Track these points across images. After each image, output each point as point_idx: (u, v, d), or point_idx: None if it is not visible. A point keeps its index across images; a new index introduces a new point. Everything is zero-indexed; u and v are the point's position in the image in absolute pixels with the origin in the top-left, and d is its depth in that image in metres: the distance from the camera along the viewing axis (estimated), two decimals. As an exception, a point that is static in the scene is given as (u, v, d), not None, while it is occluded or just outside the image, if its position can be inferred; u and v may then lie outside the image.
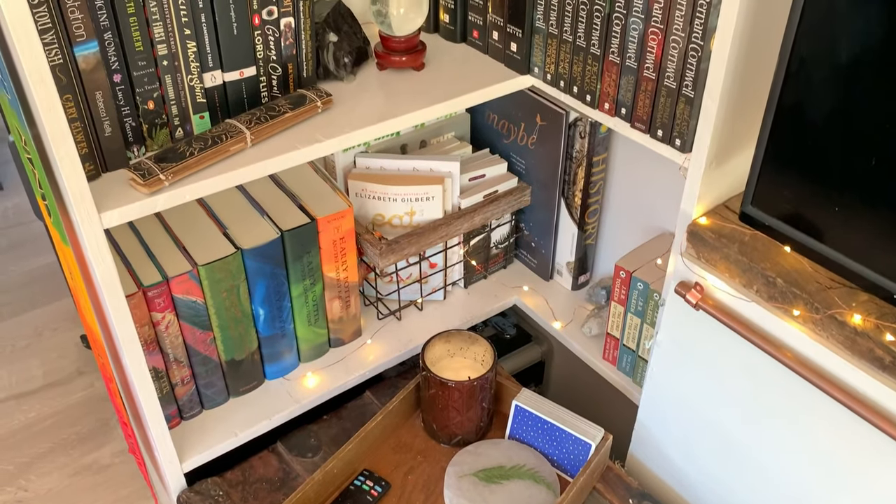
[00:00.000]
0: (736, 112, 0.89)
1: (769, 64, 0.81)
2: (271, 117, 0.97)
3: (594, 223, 1.30)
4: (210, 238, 1.07)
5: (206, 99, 0.96)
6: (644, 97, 0.95)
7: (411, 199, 1.23)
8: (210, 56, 0.94)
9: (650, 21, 0.90)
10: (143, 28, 0.87)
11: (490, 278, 1.40)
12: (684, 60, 0.88)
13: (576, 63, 1.02)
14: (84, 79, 0.84)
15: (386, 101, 1.06)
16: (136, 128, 0.92)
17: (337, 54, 1.08)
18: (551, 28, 1.04)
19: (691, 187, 0.94)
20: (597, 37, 0.97)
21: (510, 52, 1.11)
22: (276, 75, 1.02)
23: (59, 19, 0.80)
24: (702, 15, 0.84)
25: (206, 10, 0.91)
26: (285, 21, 0.99)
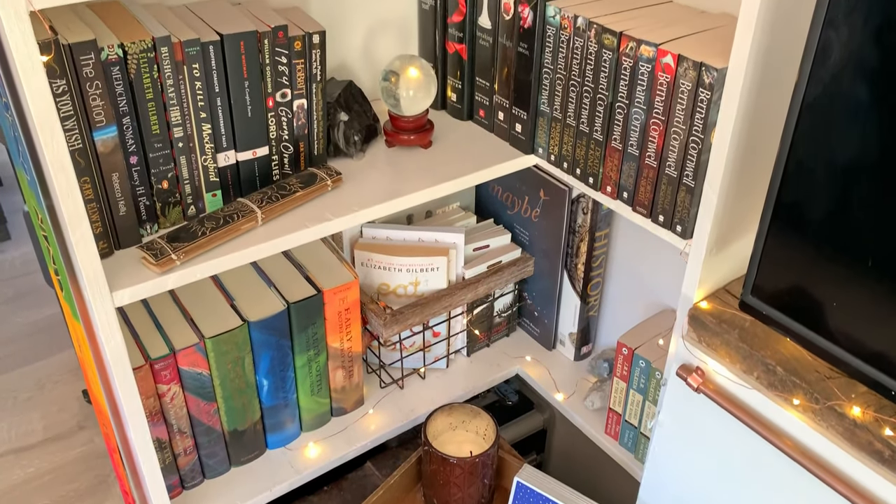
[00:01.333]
0: (736, 200, 0.91)
1: (769, 156, 0.84)
2: (282, 196, 0.99)
3: (597, 295, 1.32)
4: (217, 309, 1.09)
5: (218, 178, 0.99)
6: (646, 183, 0.97)
7: (416, 270, 1.24)
8: (224, 137, 0.97)
9: (652, 112, 0.93)
10: (161, 112, 0.90)
11: (493, 346, 1.41)
12: (685, 151, 0.91)
13: (579, 146, 1.05)
14: (102, 161, 0.87)
15: (394, 180, 1.08)
16: (149, 206, 0.94)
17: (347, 133, 1.11)
18: (555, 112, 1.07)
19: (692, 272, 0.95)
20: (599, 124, 1.00)
21: (515, 132, 1.14)
22: (287, 153, 1.05)
23: (80, 106, 0.83)
24: (702, 110, 0.87)
25: (221, 93, 0.94)
26: (298, 103, 1.02)
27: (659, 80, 0.90)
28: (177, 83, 0.90)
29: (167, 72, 0.88)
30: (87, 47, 0.81)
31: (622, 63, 0.94)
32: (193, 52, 0.89)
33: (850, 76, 0.71)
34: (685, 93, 0.88)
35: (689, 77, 0.87)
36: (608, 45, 0.95)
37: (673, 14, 0.99)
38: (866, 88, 0.70)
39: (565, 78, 1.03)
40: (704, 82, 0.86)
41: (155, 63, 0.87)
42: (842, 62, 0.71)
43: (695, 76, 0.86)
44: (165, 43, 0.87)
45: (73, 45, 0.80)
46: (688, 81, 0.87)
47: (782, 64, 0.84)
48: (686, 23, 0.95)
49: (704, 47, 0.88)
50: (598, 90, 0.99)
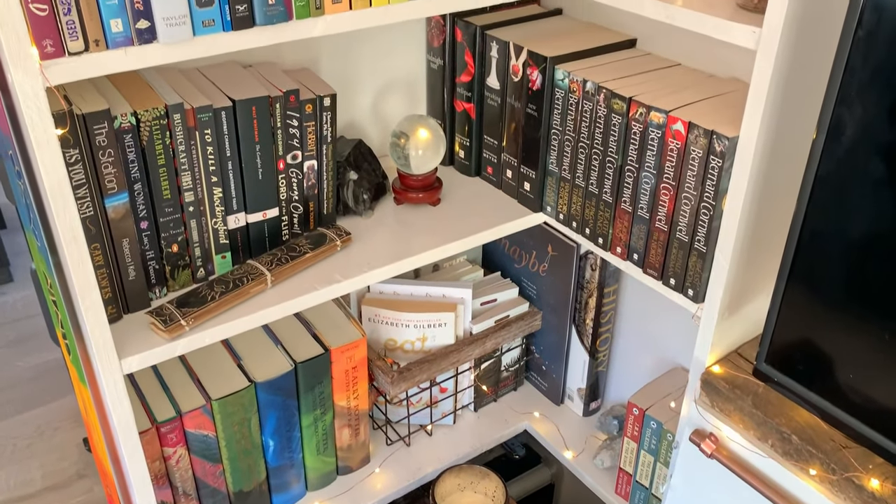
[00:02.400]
0: (748, 264, 0.91)
1: (781, 222, 0.84)
2: (292, 258, 0.99)
3: (605, 351, 1.31)
4: (224, 369, 1.08)
5: (228, 240, 0.99)
6: (656, 246, 0.97)
7: (424, 326, 1.24)
8: (235, 200, 0.97)
9: (662, 177, 0.93)
10: (172, 177, 0.90)
11: (500, 401, 1.39)
12: (696, 217, 0.91)
13: (588, 207, 1.05)
14: (112, 228, 0.87)
15: (403, 238, 1.08)
16: (158, 270, 0.94)
17: (356, 191, 1.11)
18: (564, 172, 1.07)
19: (704, 336, 0.95)
20: (609, 185, 1.01)
21: (524, 190, 1.15)
22: (297, 214, 1.05)
23: (92, 174, 0.83)
24: (713, 177, 0.87)
25: (233, 157, 0.94)
26: (308, 164, 1.03)
27: (669, 145, 0.91)
28: (189, 149, 0.90)
29: (179, 138, 0.89)
30: (100, 117, 0.81)
31: (632, 128, 0.95)
32: (206, 119, 0.90)
33: (864, 152, 0.71)
34: (696, 159, 0.88)
35: (700, 144, 0.87)
36: (617, 109, 0.95)
37: (682, 78, 1.00)
38: (880, 163, 0.70)
39: (574, 139, 1.03)
40: (716, 150, 0.86)
41: (167, 130, 0.87)
42: (855, 138, 0.71)
43: (706, 143, 0.87)
44: (178, 110, 0.87)
45: (86, 114, 0.80)
46: (699, 148, 0.87)
47: (794, 133, 0.84)
48: (696, 88, 0.96)
49: (715, 114, 0.89)
50: (607, 153, 0.99)
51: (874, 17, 0.66)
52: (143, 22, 0.72)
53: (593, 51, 1.06)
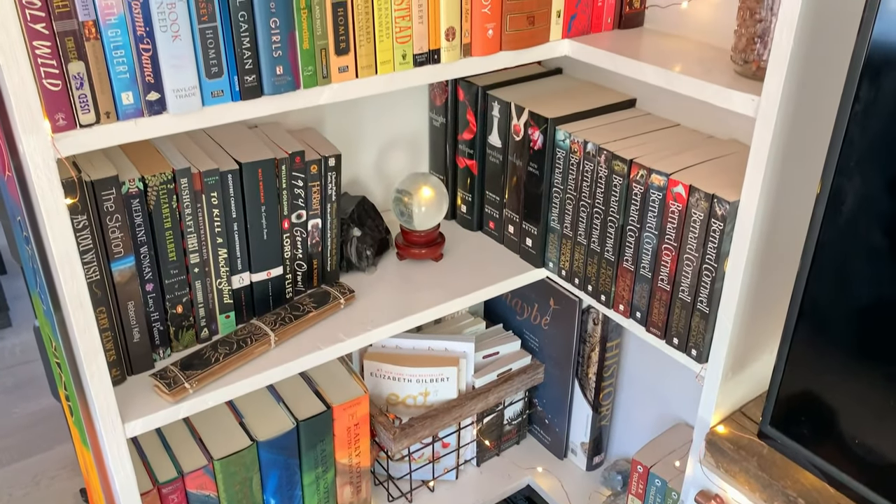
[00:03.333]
0: (752, 325, 0.91)
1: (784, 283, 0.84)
2: (295, 317, 0.99)
3: (608, 405, 1.30)
4: (226, 427, 1.07)
5: (232, 300, 0.99)
6: (659, 305, 0.98)
7: (426, 381, 1.23)
8: (239, 260, 0.97)
9: (664, 238, 0.94)
10: (178, 240, 0.91)
11: (503, 455, 1.38)
12: (698, 278, 0.91)
13: (590, 264, 1.06)
14: (118, 291, 0.87)
15: (406, 295, 1.08)
16: (163, 331, 0.94)
17: (360, 248, 1.11)
18: (566, 230, 1.08)
19: (708, 396, 0.94)
20: (611, 244, 1.01)
21: (526, 246, 1.15)
22: (301, 271, 1.05)
23: (99, 239, 0.84)
24: (715, 239, 0.88)
25: (238, 219, 0.95)
26: (313, 223, 1.03)
27: (670, 207, 0.92)
28: (195, 211, 0.91)
29: (186, 201, 0.89)
30: (108, 183, 0.82)
31: (633, 189, 0.96)
32: (212, 182, 0.91)
33: (864, 220, 0.72)
34: (697, 222, 0.89)
35: (702, 207, 0.88)
36: (618, 171, 0.97)
37: (682, 139, 1.01)
38: (880, 232, 0.71)
39: (576, 198, 1.05)
40: (717, 213, 0.87)
41: (175, 193, 0.88)
42: (855, 207, 0.72)
43: (707, 207, 0.88)
44: (185, 174, 0.88)
45: (95, 181, 0.81)
46: (700, 211, 0.88)
47: (795, 197, 0.85)
48: (696, 150, 0.97)
49: (716, 177, 0.90)
50: (608, 212, 1.00)
51: (871, 92, 0.68)
52: (154, 94, 0.73)
53: (594, 111, 1.08)
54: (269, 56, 0.78)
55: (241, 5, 0.74)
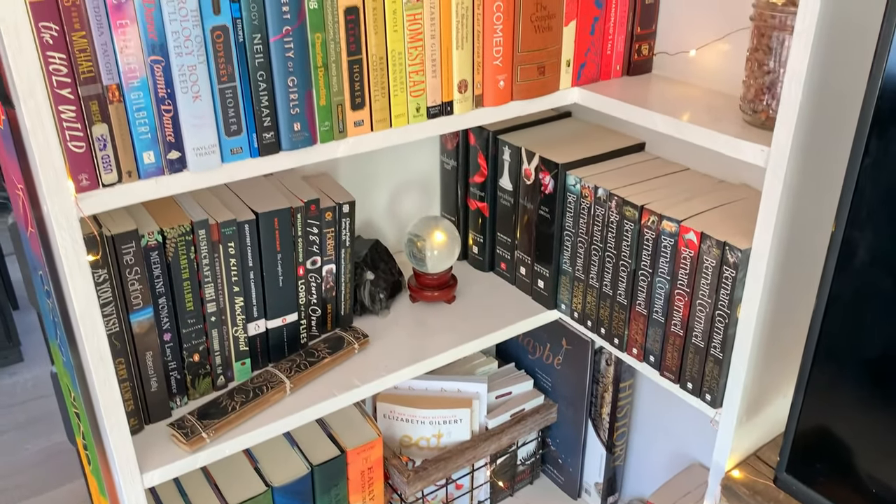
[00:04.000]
0: (766, 369, 0.91)
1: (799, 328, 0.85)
2: (310, 364, 1.00)
3: (622, 445, 1.30)
4: (241, 472, 1.08)
5: (248, 347, 1.00)
6: (672, 350, 0.98)
7: (439, 422, 1.24)
8: (255, 308, 0.98)
9: (676, 283, 0.94)
10: (195, 290, 0.92)
11: (516, 496, 1.38)
12: (711, 324, 0.92)
13: (602, 307, 1.06)
14: (137, 342, 0.88)
15: (419, 339, 1.09)
16: (180, 380, 0.95)
17: (373, 291, 1.12)
18: (578, 273, 1.09)
19: (723, 441, 0.94)
20: (623, 288, 1.02)
21: (538, 287, 1.16)
22: (315, 316, 1.06)
23: (119, 292, 0.85)
24: (727, 286, 0.89)
25: (255, 267, 0.96)
26: (327, 268, 1.04)
27: (682, 254, 0.92)
28: (212, 261, 0.92)
29: (203, 252, 0.91)
30: (128, 237, 0.84)
31: (644, 234, 0.97)
32: (229, 232, 0.92)
33: (877, 271, 0.72)
34: (709, 269, 0.90)
35: (713, 254, 0.89)
36: (629, 216, 0.98)
37: (692, 184, 1.02)
38: (893, 280, 0.71)
39: (587, 242, 1.05)
40: (729, 261, 0.88)
41: (192, 245, 0.90)
42: (867, 259, 0.73)
43: (719, 254, 0.88)
44: (203, 226, 0.90)
45: (115, 236, 0.83)
46: (712, 258, 0.89)
47: (806, 244, 0.86)
48: (707, 195, 0.98)
49: (727, 224, 0.91)
50: (620, 256, 1.01)
51: (881, 145, 0.69)
52: (174, 153, 0.75)
53: (604, 156, 1.09)
54: (286, 113, 0.79)
55: (259, 65, 0.76)
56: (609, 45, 1.02)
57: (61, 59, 0.67)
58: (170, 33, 0.70)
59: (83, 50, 0.67)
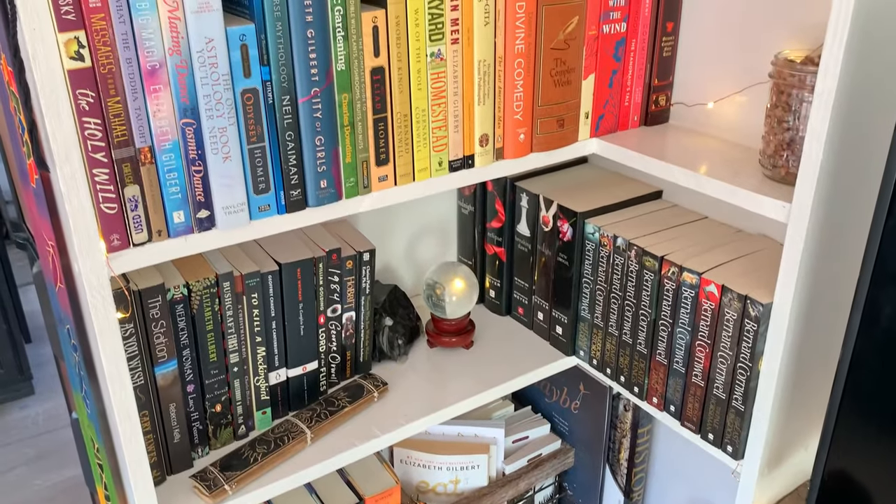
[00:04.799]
0: (788, 422, 0.91)
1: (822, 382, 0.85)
2: (330, 413, 1.00)
3: (640, 491, 1.29)
4: (260, 521, 1.07)
5: (269, 396, 1.00)
6: (693, 401, 0.98)
7: (456, 468, 1.23)
8: (277, 357, 0.99)
9: (697, 335, 0.95)
10: (219, 341, 0.93)
11: (533, 540, 1.37)
12: (733, 376, 0.92)
13: (622, 355, 1.07)
14: (161, 394, 0.89)
15: (438, 387, 1.09)
16: (202, 430, 0.95)
17: (392, 337, 1.13)
18: (597, 320, 1.09)
19: (744, 493, 0.94)
20: (643, 337, 1.02)
21: (556, 333, 1.16)
22: (335, 364, 1.07)
23: (144, 345, 0.86)
24: (749, 339, 0.89)
25: (277, 318, 0.97)
26: (347, 315, 1.05)
27: (703, 306, 0.93)
28: (236, 313, 0.93)
29: (228, 303, 0.91)
30: (155, 291, 0.84)
31: (664, 285, 0.97)
32: (253, 284, 0.93)
33: (901, 331, 0.73)
34: (731, 321, 0.90)
35: (735, 307, 0.89)
36: (649, 266, 0.98)
37: (711, 234, 1.03)
38: (917, 342, 0.72)
39: (606, 290, 1.06)
40: (750, 314, 0.88)
41: (217, 297, 0.90)
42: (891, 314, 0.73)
43: (740, 307, 0.89)
44: (228, 278, 0.90)
45: (142, 290, 0.83)
46: (733, 311, 0.89)
47: (829, 298, 0.86)
48: (726, 245, 0.99)
49: (748, 276, 0.91)
50: (640, 306, 1.01)
51: (903, 207, 0.69)
52: (204, 212, 0.76)
53: (621, 203, 1.10)
54: (313, 171, 0.80)
55: (288, 126, 0.77)
56: (627, 97, 1.03)
57: (96, 124, 0.68)
58: (201, 97, 0.72)
59: (117, 115, 0.69)
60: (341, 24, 0.76)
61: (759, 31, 0.94)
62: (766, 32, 0.94)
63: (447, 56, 0.85)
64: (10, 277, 2.45)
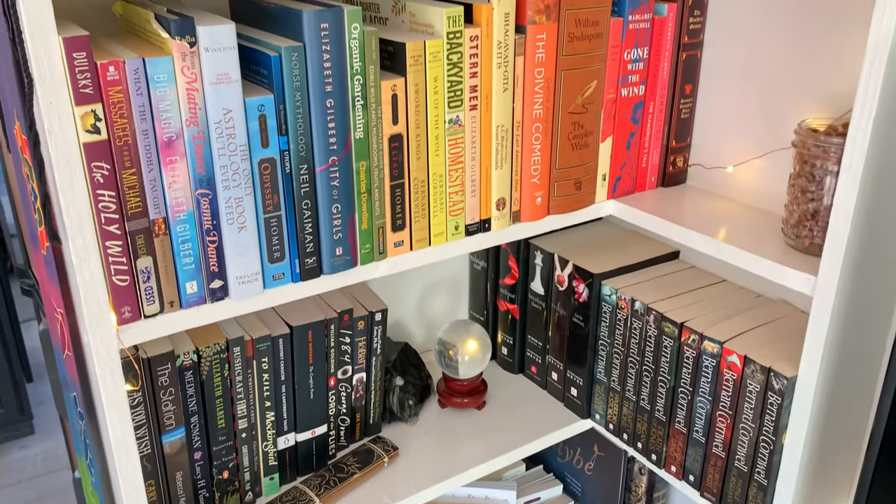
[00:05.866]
0: (814, 494, 0.88)
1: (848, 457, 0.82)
2: (340, 480, 0.97)
3: (654, 556, 1.26)
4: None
5: (277, 461, 0.98)
6: (714, 471, 0.95)
7: (467, 531, 1.20)
8: (286, 421, 0.97)
9: (718, 405, 0.92)
10: (227, 407, 0.90)
11: None
12: (755, 448, 0.89)
13: (640, 421, 1.04)
14: (167, 462, 0.86)
15: (449, 453, 1.06)
16: (209, 498, 0.92)
17: (402, 398, 1.10)
18: (613, 384, 1.07)
19: (769, 570, 0.91)
20: (662, 404, 1.00)
21: (570, 395, 1.14)
22: (344, 426, 1.04)
23: (152, 413, 0.83)
24: (772, 412, 0.86)
25: (287, 381, 0.95)
26: (358, 377, 1.03)
27: (724, 376, 0.91)
28: (245, 378, 0.91)
29: (237, 368, 0.89)
30: (164, 359, 0.82)
31: (684, 352, 0.95)
32: (263, 348, 0.91)
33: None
34: (753, 393, 0.88)
35: (758, 379, 0.87)
36: (669, 332, 0.96)
37: (731, 298, 1.00)
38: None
39: (623, 353, 1.04)
40: (774, 387, 0.85)
41: (227, 362, 0.88)
42: (923, 399, 0.71)
43: (763, 379, 0.86)
44: (238, 343, 0.89)
45: (151, 358, 0.82)
46: (756, 383, 0.87)
47: (856, 371, 0.84)
48: (746, 312, 0.97)
49: (770, 346, 0.89)
50: (658, 372, 0.99)
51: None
52: (217, 282, 0.74)
53: (638, 264, 1.08)
54: (329, 239, 0.79)
55: (305, 194, 0.76)
56: (644, 159, 1.02)
57: (111, 196, 0.67)
58: (218, 167, 0.70)
59: (132, 186, 0.67)
60: (360, 92, 0.75)
61: (779, 95, 0.94)
62: (786, 97, 0.93)
63: (465, 122, 0.84)
64: (13, 315, 2.43)
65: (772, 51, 0.93)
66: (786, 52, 0.91)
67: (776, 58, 0.92)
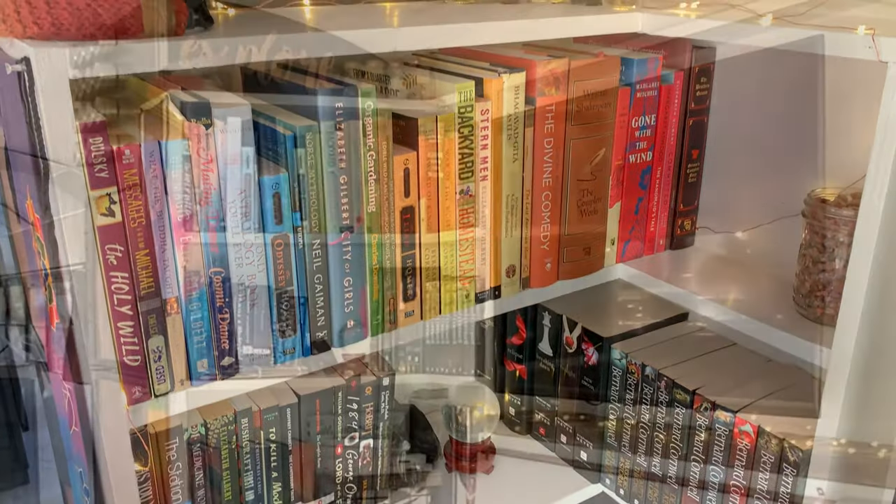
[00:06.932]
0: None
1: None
2: (348, 551, 0.96)
3: None
4: None
5: (284, 533, 0.96)
6: (729, 542, 0.93)
7: None
8: (293, 492, 0.95)
9: (731, 475, 0.91)
10: (234, 479, 0.89)
11: None
12: (772, 521, 0.88)
13: (651, 488, 1.02)
14: (173, 539, 0.85)
15: (459, 518, 1.05)
16: (214, 573, 0.90)
17: (409, 463, 1.09)
18: (624, 449, 1.05)
19: None
20: (674, 472, 0.98)
21: (579, 458, 1.12)
22: (350, 494, 1.02)
23: (159, 489, 0.82)
24: (787, 485, 0.85)
25: (294, 451, 0.93)
26: (365, 443, 1.01)
27: (738, 445, 0.89)
28: (252, 449, 0.89)
29: (245, 439, 0.88)
30: (173, 433, 0.81)
31: (696, 419, 0.94)
32: (271, 418, 0.90)
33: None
34: (768, 464, 0.87)
35: (772, 450, 0.86)
36: (680, 399, 0.95)
37: (741, 363, 1.00)
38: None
39: (634, 418, 1.03)
40: (789, 459, 0.84)
41: (235, 434, 0.87)
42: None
43: (778, 451, 0.85)
44: (246, 414, 0.87)
45: (159, 433, 0.80)
46: (770, 454, 0.86)
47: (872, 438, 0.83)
48: (758, 379, 0.96)
49: (784, 414, 0.88)
50: (670, 438, 0.98)
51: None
52: (228, 359, 0.74)
53: (648, 327, 1.07)
54: (340, 312, 0.79)
55: (317, 269, 0.76)
56: (653, 223, 1.02)
57: (123, 277, 0.66)
58: (231, 245, 0.70)
59: (145, 267, 0.67)
60: (373, 167, 0.76)
61: (786, 161, 0.94)
62: (793, 163, 0.93)
63: (476, 192, 0.85)
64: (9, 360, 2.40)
65: (777, 118, 0.94)
66: (791, 120, 0.92)
67: (781, 125, 0.93)
